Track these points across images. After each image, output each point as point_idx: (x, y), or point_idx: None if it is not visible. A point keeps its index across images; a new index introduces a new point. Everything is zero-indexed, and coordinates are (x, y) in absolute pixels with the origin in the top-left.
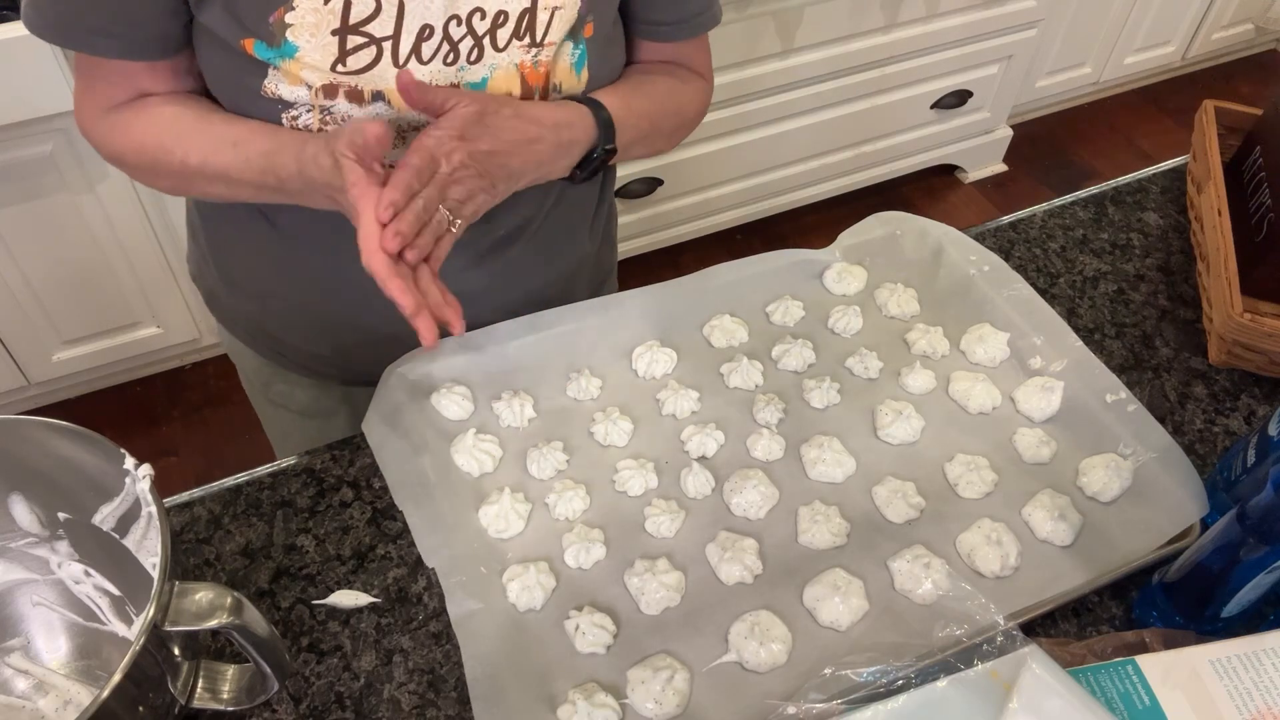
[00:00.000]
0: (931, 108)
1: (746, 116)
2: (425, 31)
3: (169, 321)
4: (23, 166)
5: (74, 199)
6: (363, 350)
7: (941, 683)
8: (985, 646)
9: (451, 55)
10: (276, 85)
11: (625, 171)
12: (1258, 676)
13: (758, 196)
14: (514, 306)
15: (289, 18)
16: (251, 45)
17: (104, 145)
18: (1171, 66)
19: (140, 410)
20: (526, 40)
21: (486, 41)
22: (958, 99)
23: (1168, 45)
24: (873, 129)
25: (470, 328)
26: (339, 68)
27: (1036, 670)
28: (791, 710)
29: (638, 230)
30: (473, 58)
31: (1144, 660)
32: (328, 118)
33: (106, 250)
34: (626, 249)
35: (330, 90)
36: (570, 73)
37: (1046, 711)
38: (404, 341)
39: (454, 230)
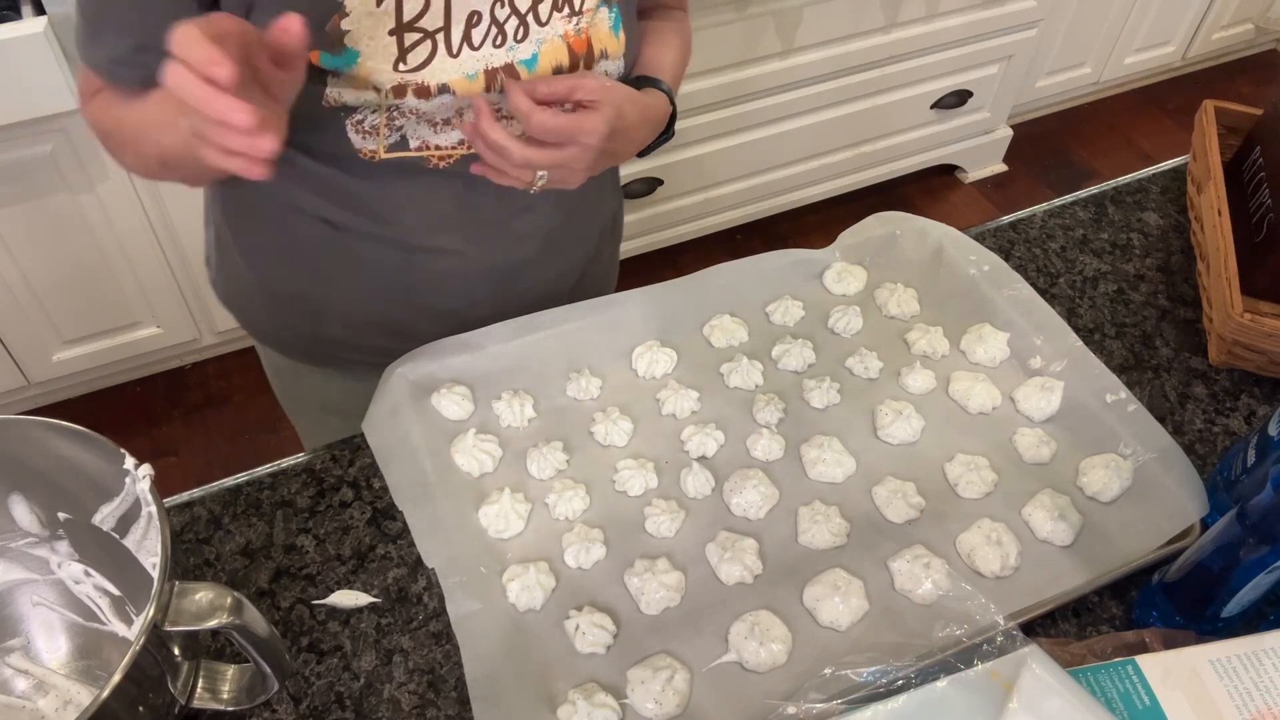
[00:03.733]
0: (931, 108)
1: (746, 116)
2: (474, 18)
3: (169, 321)
4: (23, 166)
5: (74, 199)
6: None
7: (941, 683)
8: (985, 646)
9: (500, 37)
10: (340, 93)
11: (625, 171)
12: (1258, 676)
13: (758, 196)
14: (510, 309)
15: (344, 24)
16: (317, 57)
17: (92, 125)
18: (1171, 66)
19: (140, 410)
20: (566, 11)
21: (530, 18)
22: (958, 99)
23: (1168, 45)
24: (873, 129)
25: (466, 327)
26: (400, 66)
27: (1036, 670)
28: (791, 710)
29: (638, 230)
30: (519, 36)
31: (1144, 660)
32: (395, 114)
33: (106, 250)
34: (627, 249)
35: (400, 90)
36: (610, 36)
37: (1046, 711)
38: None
39: (532, 190)
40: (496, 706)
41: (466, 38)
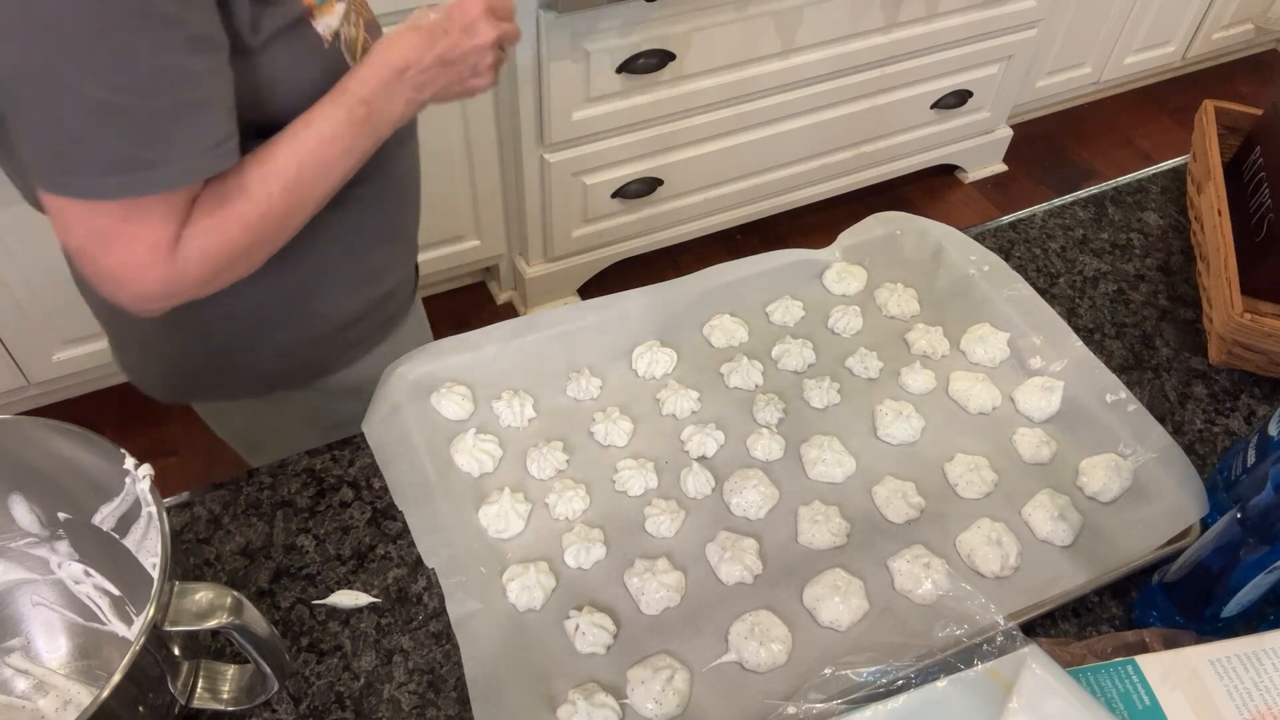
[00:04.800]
0: (931, 108)
1: (746, 116)
2: None
3: None
4: None
5: None
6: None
7: (941, 683)
8: (985, 646)
9: None
10: (328, 24)
11: (625, 171)
12: (1258, 676)
13: (758, 196)
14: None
15: None
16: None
17: (200, 271)
18: (1171, 66)
19: (140, 410)
20: None
21: None
22: (958, 99)
23: (1168, 45)
24: (873, 129)
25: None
26: None
27: (1036, 670)
28: (791, 710)
29: (638, 230)
30: None
31: (1144, 660)
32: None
33: None
34: (627, 249)
35: None
36: None
37: (1046, 711)
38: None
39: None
40: (496, 706)
41: None
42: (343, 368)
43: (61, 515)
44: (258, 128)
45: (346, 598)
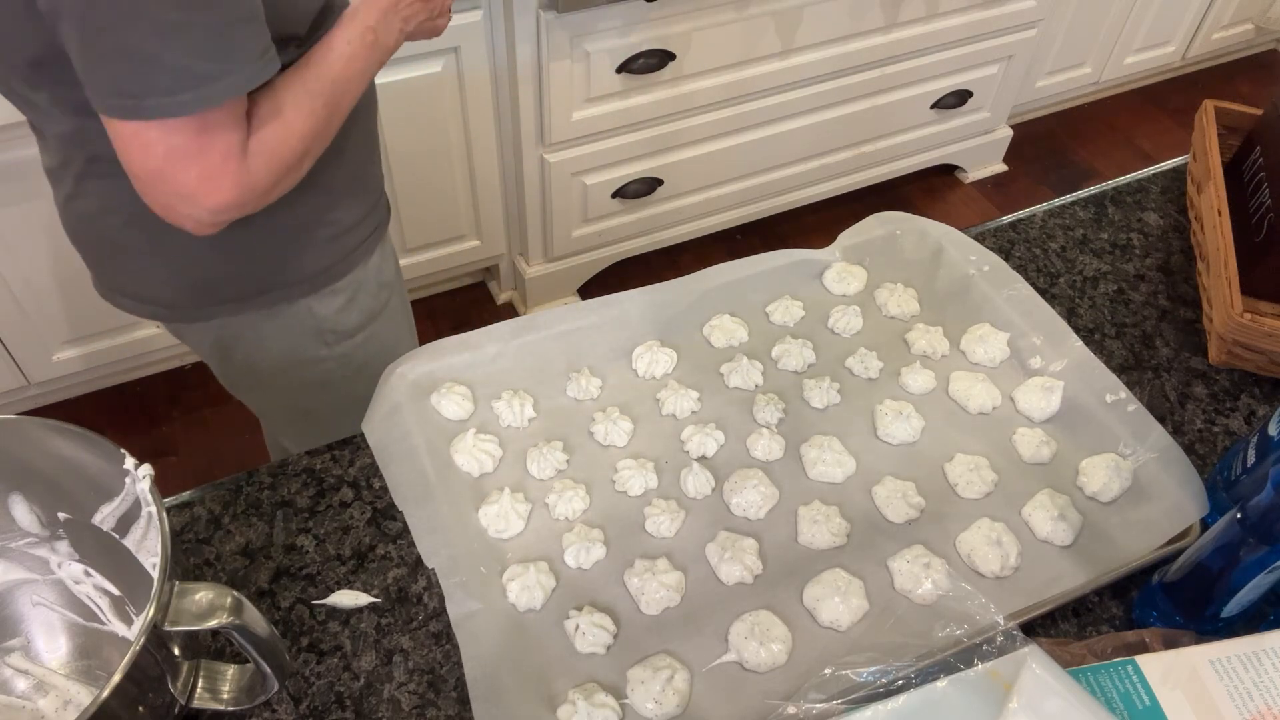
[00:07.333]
0: (931, 108)
1: (746, 116)
2: None
3: None
4: (23, 166)
5: None
6: None
7: (941, 683)
8: (985, 646)
9: None
10: None
11: (625, 171)
12: (1258, 676)
13: (758, 196)
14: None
15: None
16: None
17: (266, 177)
18: (1171, 66)
19: (140, 410)
20: None
21: None
22: (958, 99)
23: (1168, 45)
24: (873, 129)
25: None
26: None
27: (1036, 670)
28: (791, 710)
29: (638, 230)
30: None
31: (1144, 660)
32: None
33: None
34: (627, 249)
35: None
36: None
37: (1046, 711)
38: None
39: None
40: (496, 706)
41: None
42: (345, 274)
43: (61, 515)
44: (277, 40)
45: (346, 598)
